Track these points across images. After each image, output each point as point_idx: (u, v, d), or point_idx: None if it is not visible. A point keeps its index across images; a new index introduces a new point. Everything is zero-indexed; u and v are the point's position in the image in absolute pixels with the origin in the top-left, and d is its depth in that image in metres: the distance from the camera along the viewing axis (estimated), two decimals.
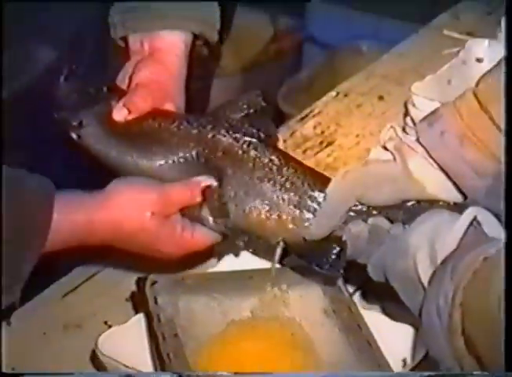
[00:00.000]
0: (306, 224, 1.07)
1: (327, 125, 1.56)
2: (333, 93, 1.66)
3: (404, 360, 1.06)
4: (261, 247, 1.15)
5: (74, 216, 1.01)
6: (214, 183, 1.09)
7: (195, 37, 1.26)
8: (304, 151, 1.49)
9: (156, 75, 1.19)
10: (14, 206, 0.96)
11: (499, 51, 1.28)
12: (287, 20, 2.71)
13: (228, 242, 1.10)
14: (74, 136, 1.15)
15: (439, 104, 1.15)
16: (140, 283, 1.09)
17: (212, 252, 1.18)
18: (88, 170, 1.12)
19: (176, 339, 1.01)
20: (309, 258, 1.08)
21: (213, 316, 1.09)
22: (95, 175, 1.10)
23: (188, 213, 1.08)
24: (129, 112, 1.16)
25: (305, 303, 1.12)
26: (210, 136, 1.12)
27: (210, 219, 1.08)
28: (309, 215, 1.08)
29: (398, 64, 1.72)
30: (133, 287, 1.14)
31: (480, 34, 1.65)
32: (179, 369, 0.97)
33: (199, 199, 1.07)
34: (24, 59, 1.12)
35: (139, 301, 1.11)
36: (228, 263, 1.19)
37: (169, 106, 1.19)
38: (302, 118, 1.58)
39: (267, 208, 1.08)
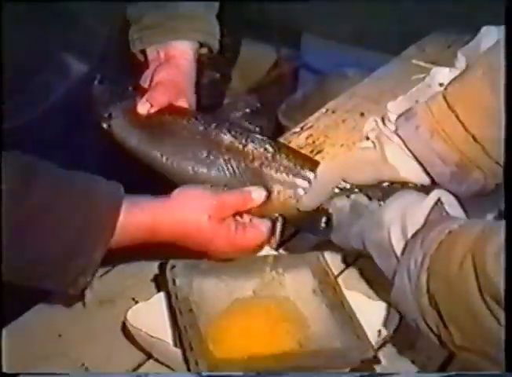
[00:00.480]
0: (299, 198, 1.09)
1: (317, 136, 1.56)
2: (323, 110, 1.66)
3: (379, 331, 1.06)
4: None
5: (141, 219, 1.00)
6: (264, 193, 1.09)
7: (201, 45, 1.27)
8: None
9: (172, 76, 1.21)
10: (86, 206, 0.97)
11: None
12: (286, 50, 2.72)
13: None
14: (104, 125, 1.17)
15: None
16: (162, 267, 1.09)
17: None
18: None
19: (190, 314, 1.01)
20: (304, 227, 1.11)
21: (221, 294, 1.09)
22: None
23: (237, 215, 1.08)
24: (151, 106, 1.16)
25: (297, 284, 1.11)
26: (213, 135, 1.13)
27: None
28: (301, 191, 1.09)
29: (376, 86, 1.72)
30: (157, 271, 1.15)
31: (442, 64, 1.66)
32: (193, 338, 0.97)
33: (249, 206, 1.07)
34: (62, 71, 1.12)
35: (161, 282, 1.11)
36: None
37: (182, 102, 1.20)
38: (297, 131, 1.58)
39: (267, 189, 1.09)
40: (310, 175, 1.10)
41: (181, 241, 1.04)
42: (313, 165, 1.11)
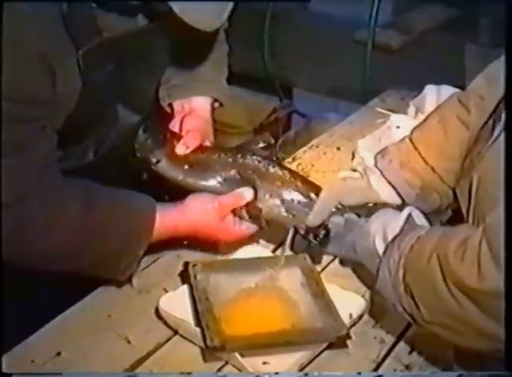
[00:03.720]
0: (307, 215, 1.06)
1: (305, 165, 1.52)
2: (309, 145, 1.62)
3: (351, 315, 1.03)
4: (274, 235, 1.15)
5: (167, 223, 1.02)
6: (251, 192, 1.07)
7: (214, 100, 1.25)
8: None
9: (199, 124, 1.19)
10: (130, 215, 1.00)
11: (410, 121, 1.27)
12: (282, 99, 2.72)
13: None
14: (154, 168, 1.13)
15: (373, 153, 1.15)
16: (186, 265, 1.06)
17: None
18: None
19: (207, 301, 0.98)
20: (308, 237, 1.06)
21: (231, 286, 1.05)
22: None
23: (234, 212, 1.07)
24: (187, 148, 1.14)
25: (289, 278, 1.07)
26: (240, 161, 1.10)
27: (247, 217, 1.07)
28: (308, 210, 1.06)
29: (349, 128, 1.68)
30: (182, 268, 1.12)
31: (398, 111, 1.64)
32: (209, 320, 0.94)
33: (242, 203, 1.06)
34: (116, 122, 1.10)
35: (185, 277, 1.08)
36: (242, 253, 1.15)
37: (207, 142, 1.18)
38: (290, 161, 1.53)
39: (283, 205, 1.07)
40: (314, 196, 1.08)
41: (194, 235, 1.07)
42: (317, 189, 1.09)
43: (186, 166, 1.12)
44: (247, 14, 2.24)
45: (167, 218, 1.02)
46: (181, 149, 1.13)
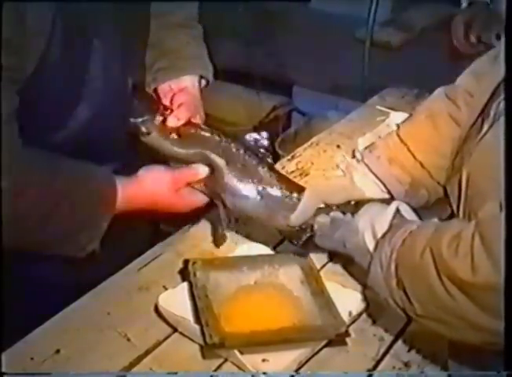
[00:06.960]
0: (289, 215, 1.03)
1: (305, 163, 1.51)
2: (309, 143, 1.61)
3: (350, 312, 1.03)
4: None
5: (126, 194, 1.02)
6: (206, 168, 1.06)
7: (201, 77, 1.25)
8: None
9: (190, 99, 1.18)
10: (92, 187, 0.99)
11: None
12: (281, 97, 2.72)
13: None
14: (143, 139, 1.11)
15: None
16: (186, 263, 1.06)
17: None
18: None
19: (207, 298, 0.98)
20: (291, 239, 1.05)
21: (230, 284, 1.05)
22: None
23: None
24: (178, 120, 1.12)
25: (288, 276, 1.07)
26: (234, 150, 1.07)
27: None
28: (291, 210, 1.03)
29: (349, 126, 1.68)
30: (181, 265, 1.12)
31: (398, 109, 1.64)
32: (208, 317, 0.94)
33: (196, 178, 1.05)
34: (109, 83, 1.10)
35: (185, 274, 1.08)
36: (241, 251, 1.16)
37: (198, 118, 1.17)
38: (289, 159, 1.54)
39: (264, 202, 1.04)
40: (298, 197, 1.05)
41: (151, 207, 1.06)
42: (301, 190, 1.07)
43: (179, 139, 1.11)
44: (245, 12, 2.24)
45: (127, 191, 1.02)
46: (172, 121, 1.12)
